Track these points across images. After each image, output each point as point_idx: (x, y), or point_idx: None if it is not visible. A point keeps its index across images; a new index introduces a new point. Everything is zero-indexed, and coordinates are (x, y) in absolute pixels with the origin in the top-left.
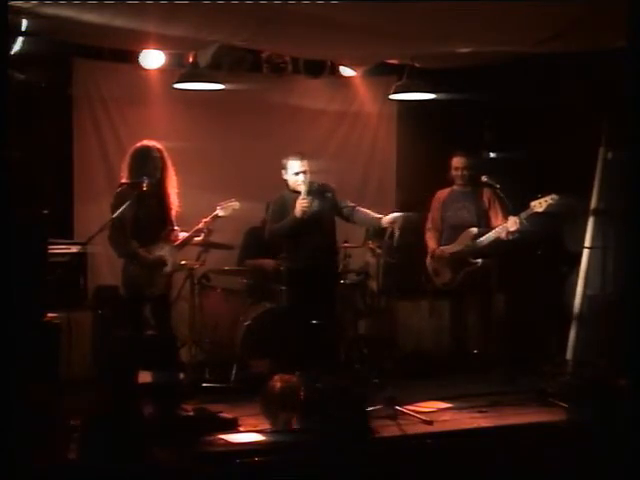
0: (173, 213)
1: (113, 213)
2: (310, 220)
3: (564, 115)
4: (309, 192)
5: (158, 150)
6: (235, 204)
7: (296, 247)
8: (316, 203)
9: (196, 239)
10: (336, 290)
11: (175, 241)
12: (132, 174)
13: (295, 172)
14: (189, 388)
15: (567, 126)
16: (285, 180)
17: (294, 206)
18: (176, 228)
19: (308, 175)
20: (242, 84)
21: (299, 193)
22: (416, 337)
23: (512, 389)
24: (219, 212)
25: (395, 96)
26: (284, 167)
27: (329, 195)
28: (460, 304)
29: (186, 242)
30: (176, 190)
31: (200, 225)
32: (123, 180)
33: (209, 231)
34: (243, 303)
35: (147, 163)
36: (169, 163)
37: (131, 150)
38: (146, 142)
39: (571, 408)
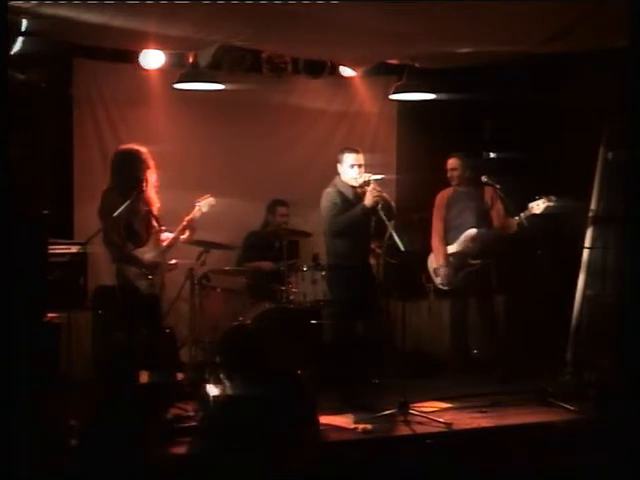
0: (156, 212)
1: (101, 217)
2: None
3: (564, 115)
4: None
5: (141, 153)
6: (211, 199)
7: (352, 240)
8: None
9: (182, 237)
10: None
11: (163, 241)
12: (116, 178)
13: (351, 164)
14: (189, 388)
15: (567, 126)
16: (338, 174)
17: (354, 198)
18: (163, 228)
19: (363, 169)
20: (242, 84)
21: (354, 188)
22: (416, 337)
23: (512, 389)
24: (198, 209)
25: (395, 96)
26: (339, 161)
27: None
28: (460, 304)
29: (174, 241)
30: (155, 189)
31: (183, 223)
32: (109, 184)
33: (192, 229)
34: (243, 303)
35: (131, 166)
36: (152, 164)
37: (113, 154)
38: (128, 145)
39: (571, 408)
